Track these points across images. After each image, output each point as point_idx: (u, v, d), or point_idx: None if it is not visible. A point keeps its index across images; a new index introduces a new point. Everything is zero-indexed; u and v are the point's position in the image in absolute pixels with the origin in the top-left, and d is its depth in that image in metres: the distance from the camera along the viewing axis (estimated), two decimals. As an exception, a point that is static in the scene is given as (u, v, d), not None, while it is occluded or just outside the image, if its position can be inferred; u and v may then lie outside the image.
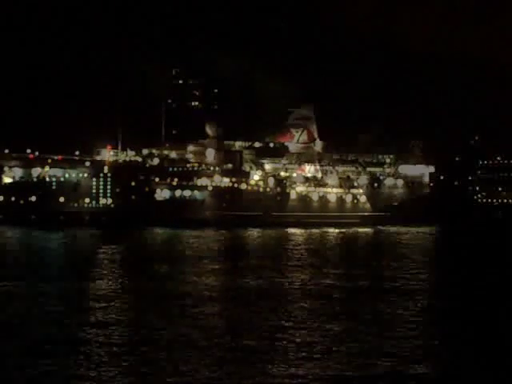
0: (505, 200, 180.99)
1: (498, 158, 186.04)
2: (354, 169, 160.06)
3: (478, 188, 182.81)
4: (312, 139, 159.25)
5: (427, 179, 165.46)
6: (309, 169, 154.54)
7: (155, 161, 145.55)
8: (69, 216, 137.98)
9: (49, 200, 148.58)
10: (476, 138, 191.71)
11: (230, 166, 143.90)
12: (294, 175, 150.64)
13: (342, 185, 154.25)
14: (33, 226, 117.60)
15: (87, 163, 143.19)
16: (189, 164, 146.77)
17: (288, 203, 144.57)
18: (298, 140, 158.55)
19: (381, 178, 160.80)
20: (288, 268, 60.23)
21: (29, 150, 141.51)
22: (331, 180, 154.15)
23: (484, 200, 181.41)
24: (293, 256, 73.40)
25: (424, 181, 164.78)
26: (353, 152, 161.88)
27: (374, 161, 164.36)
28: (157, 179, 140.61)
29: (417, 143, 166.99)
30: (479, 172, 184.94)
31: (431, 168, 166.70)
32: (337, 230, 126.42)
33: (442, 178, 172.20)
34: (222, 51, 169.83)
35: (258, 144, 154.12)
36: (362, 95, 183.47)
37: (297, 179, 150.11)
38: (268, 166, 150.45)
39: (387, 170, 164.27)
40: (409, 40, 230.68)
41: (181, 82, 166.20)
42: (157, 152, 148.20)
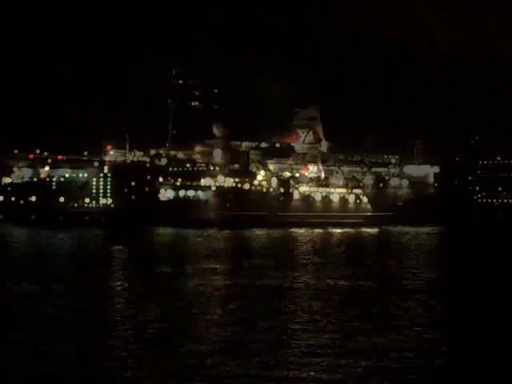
0: (505, 200, 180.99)
1: (498, 158, 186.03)
2: (360, 169, 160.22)
3: (478, 188, 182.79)
4: (318, 140, 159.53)
5: (432, 179, 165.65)
6: (312, 169, 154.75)
7: (163, 161, 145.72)
8: (74, 216, 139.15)
9: (55, 200, 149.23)
10: (476, 138, 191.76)
11: (237, 167, 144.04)
12: (298, 175, 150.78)
13: (346, 185, 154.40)
14: (39, 226, 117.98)
15: (96, 163, 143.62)
16: (189, 164, 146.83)
17: (291, 203, 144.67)
18: (304, 140, 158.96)
19: (386, 178, 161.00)
20: (295, 268, 60.24)
21: (38, 151, 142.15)
22: (337, 180, 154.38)
23: (484, 200, 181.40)
24: (299, 256, 73.51)
25: (429, 181, 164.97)
26: (358, 152, 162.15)
27: (380, 161, 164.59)
28: (160, 179, 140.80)
29: (418, 143, 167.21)
30: (479, 172, 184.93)
31: (436, 168, 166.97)
32: (343, 230, 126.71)
33: (444, 179, 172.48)
34: (222, 51, 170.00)
35: (265, 144, 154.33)
36: (363, 95, 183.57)
37: (302, 179, 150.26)
38: (272, 167, 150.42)
39: (392, 171, 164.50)
40: (409, 40, 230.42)
41: (181, 82, 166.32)
42: (164, 152, 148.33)
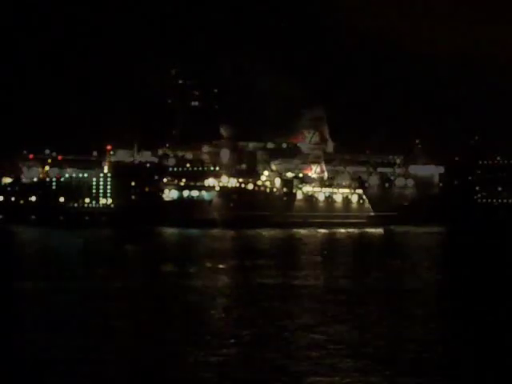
0: (505, 200, 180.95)
1: (498, 158, 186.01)
2: (365, 169, 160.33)
3: (478, 188, 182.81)
4: (324, 140, 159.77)
5: (437, 179, 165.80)
6: (315, 169, 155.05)
7: (171, 161, 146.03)
8: (79, 215, 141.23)
9: (60, 200, 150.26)
10: (476, 138, 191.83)
11: (244, 167, 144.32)
12: (301, 175, 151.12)
13: (349, 185, 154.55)
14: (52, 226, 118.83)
15: (104, 164, 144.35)
16: (189, 164, 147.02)
17: (294, 203, 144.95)
18: (310, 141, 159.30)
19: (391, 179, 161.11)
20: (298, 267, 60.30)
21: (47, 151, 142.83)
22: (341, 180, 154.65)
23: (484, 200, 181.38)
24: (302, 255, 73.69)
25: (434, 181, 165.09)
26: (364, 152, 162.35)
27: (385, 161, 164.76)
28: (165, 180, 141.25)
29: (416, 144, 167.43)
30: (479, 172, 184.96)
31: (441, 168, 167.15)
32: (346, 230, 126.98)
33: (447, 179, 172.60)
34: (222, 51, 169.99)
35: (271, 145, 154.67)
36: (364, 95, 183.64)
37: (308, 179, 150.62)
38: (275, 167, 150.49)
39: (397, 171, 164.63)
40: (409, 40, 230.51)
41: (181, 82, 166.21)
42: (172, 153, 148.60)
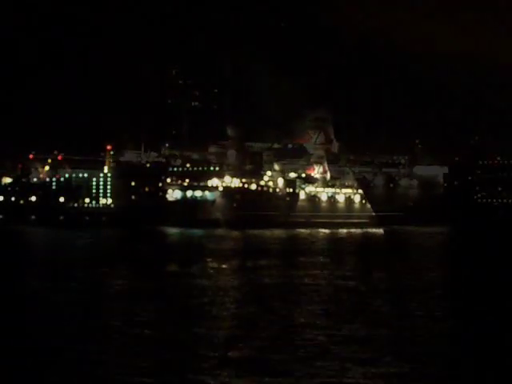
0: (505, 200, 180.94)
1: (498, 158, 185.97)
2: (370, 169, 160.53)
3: (478, 188, 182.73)
4: (329, 140, 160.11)
5: (441, 180, 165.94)
6: (318, 169, 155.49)
7: (177, 162, 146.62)
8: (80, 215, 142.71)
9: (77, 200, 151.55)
10: (476, 138, 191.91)
11: (251, 167, 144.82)
12: (304, 175, 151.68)
13: (352, 185, 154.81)
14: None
15: (112, 165, 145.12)
16: (189, 164, 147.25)
17: (297, 203, 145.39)
18: (316, 141, 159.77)
19: (396, 179, 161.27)
20: (301, 267, 60.41)
21: (55, 152, 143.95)
22: (345, 180, 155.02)
23: (484, 200, 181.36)
24: (305, 255, 73.90)
25: (438, 181, 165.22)
26: (368, 152, 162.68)
27: (390, 161, 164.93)
28: (168, 180, 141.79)
29: (418, 143, 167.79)
30: (479, 172, 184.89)
31: (445, 169, 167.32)
32: (349, 230, 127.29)
33: (449, 179, 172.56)
34: (222, 51, 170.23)
35: (277, 145, 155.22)
36: (364, 96, 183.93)
37: (310, 180, 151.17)
38: (278, 167, 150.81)
39: (402, 171, 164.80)
40: (409, 40, 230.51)
41: (181, 82, 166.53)
42: (179, 153, 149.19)
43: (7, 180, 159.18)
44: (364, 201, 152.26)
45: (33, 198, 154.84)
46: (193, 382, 24.06)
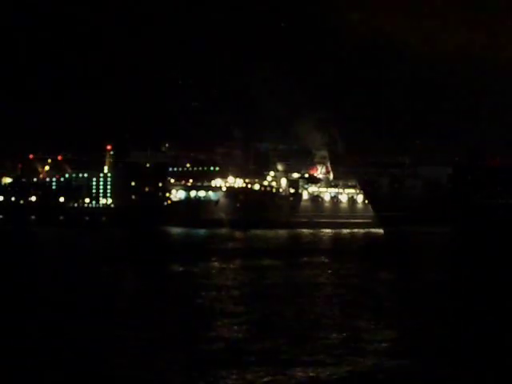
0: (504, 200, 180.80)
1: (498, 159, 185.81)
2: (375, 170, 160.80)
3: (478, 188, 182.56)
4: (334, 141, 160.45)
5: (445, 180, 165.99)
6: (320, 169, 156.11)
7: (183, 162, 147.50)
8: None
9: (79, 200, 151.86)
10: (476, 139, 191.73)
11: (257, 168, 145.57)
12: (307, 176, 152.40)
13: (355, 185, 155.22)
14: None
15: (120, 165, 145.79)
16: (189, 164, 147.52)
17: (300, 204, 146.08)
18: (320, 142, 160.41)
19: (400, 179, 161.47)
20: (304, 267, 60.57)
21: (67, 154, 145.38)
22: (348, 180, 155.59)
23: (484, 200, 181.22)
24: (308, 255, 74.17)
25: (442, 182, 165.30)
26: (373, 152, 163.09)
27: (394, 162, 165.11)
28: (172, 180, 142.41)
29: (419, 143, 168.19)
30: (479, 172, 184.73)
31: (450, 169, 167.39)
32: (351, 231, 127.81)
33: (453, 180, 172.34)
34: (222, 51, 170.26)
35: (283, 146, 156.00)
36: (364, 96, 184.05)
37: (313, 180, 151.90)
38: (281, 167, 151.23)
39: (406, 171, 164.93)
40: (409, 40, 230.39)
41: (181, 83, 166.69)
42: (185, 154, 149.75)
43: (7, 180, 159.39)
44: (367, 201, 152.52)
45: (33, 198, 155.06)
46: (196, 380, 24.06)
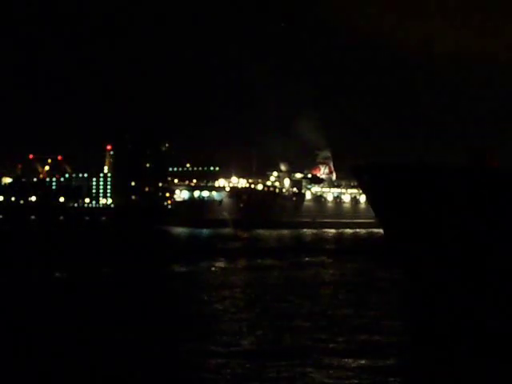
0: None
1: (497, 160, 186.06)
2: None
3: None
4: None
5: None
6: (323, 170, 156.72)
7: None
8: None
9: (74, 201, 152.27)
10: (476, 140, 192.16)
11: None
12: (309, 176, 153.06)
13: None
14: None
15: (120, 165, 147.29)
16: (189, 164, 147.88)
17: (303, 204, 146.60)
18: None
19: None
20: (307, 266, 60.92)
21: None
22: (353, 181, 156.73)
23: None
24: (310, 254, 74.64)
25: None
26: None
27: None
28: (175, 180, 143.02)
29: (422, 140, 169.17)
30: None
31: None
32: (354, 231, 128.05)
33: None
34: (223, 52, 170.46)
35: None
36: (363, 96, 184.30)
37: (316, 180, 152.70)
38: (285, 168, 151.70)
39: None
40: (409, 40, 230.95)
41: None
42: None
43: (7, 180, 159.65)
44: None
45: (33, 198, 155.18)
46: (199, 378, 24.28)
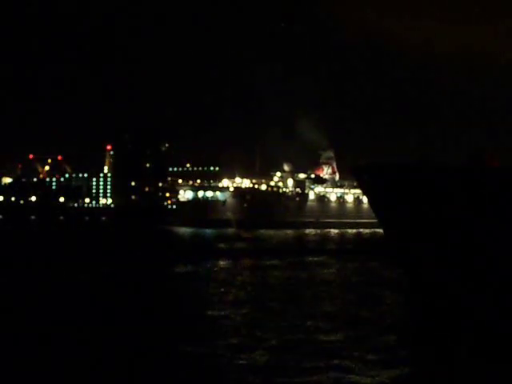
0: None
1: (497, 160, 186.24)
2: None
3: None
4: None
5: None
6: (326, 170, 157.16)
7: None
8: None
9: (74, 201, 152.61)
10: (475, 140, 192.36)
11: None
12: (313, 176, 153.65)
13: None
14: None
15: (120, 165, 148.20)
16: (189, 164, 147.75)
17: (307, 204, 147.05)
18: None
19: None
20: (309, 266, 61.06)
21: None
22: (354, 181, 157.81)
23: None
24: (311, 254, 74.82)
25: None
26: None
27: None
28: (180, 180, 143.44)
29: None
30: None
31: None
32: (357, 231, 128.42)
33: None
34: (223, 52, 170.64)
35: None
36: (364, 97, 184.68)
37: (323, 181, 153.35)
38: (288, 168, 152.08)
39: None
40: (409, 40, 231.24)
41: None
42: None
43: (7, 180, 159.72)
44: None
45: (33, 198, 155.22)
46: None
